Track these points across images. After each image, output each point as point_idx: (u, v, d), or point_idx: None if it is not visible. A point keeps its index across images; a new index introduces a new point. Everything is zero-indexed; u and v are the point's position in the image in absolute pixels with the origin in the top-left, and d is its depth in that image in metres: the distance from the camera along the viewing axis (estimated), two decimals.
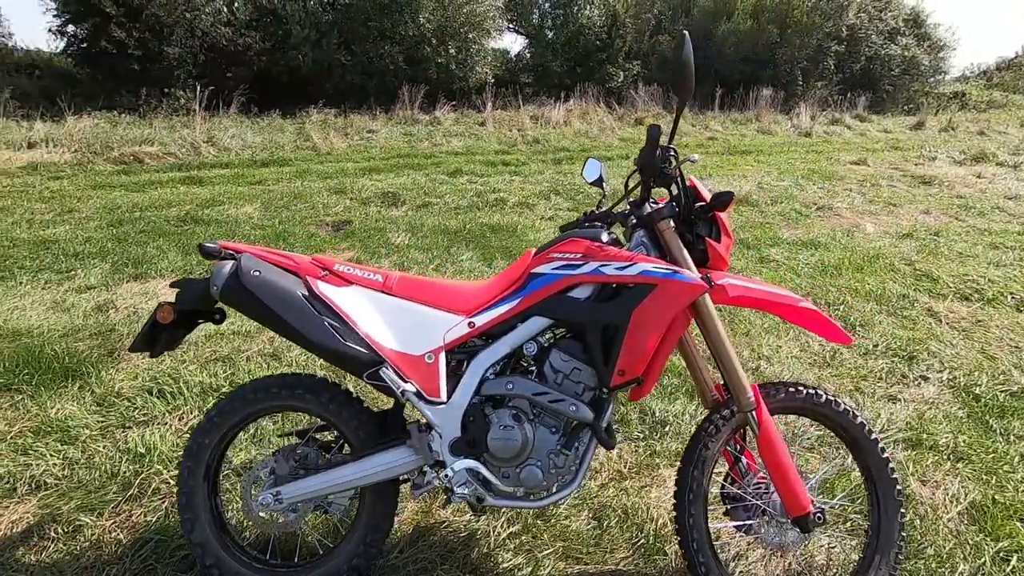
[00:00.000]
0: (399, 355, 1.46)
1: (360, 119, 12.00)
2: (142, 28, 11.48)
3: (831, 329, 1.53)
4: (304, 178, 7.27)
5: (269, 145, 9.45)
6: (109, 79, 11.93)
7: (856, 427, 1.55)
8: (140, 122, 10.46)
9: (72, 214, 5.36)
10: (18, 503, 1.80)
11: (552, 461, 1.46)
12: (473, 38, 15.02)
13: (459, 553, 1.66)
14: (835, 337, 1.54)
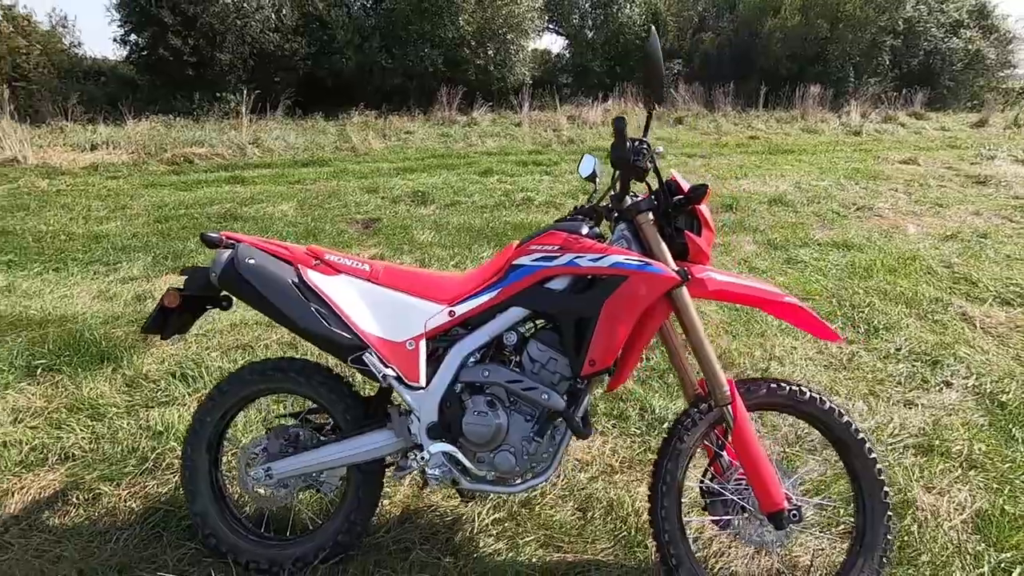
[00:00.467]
0: (381, 341, 1.53)
1: (399, 120, 12.29)
2: (197, 36, 12.10)
3: (818, 326, 1.51)
4: (340, 178, 7.51)
5: (310, 146, 9.79)
6: (166, 84, 12.63)
7: (842, 426, 1.52)
8: (193, 125, 11.02)
9: (124, 211, 5.72)
10: (48, 471, 1.96)
11: (525, 448, 1.49)
12: (512, 39, 15.12)
13: (442, 535, 1.72)
14: (823, 334, 1.51)
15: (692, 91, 15.48)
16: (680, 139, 11.44)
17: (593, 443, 2.15)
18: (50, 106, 11.20)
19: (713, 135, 11.97)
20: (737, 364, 2.73)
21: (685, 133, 12.16)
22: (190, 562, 1.61)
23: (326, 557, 1.57)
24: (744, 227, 5.11)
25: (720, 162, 8.65)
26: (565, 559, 1.65)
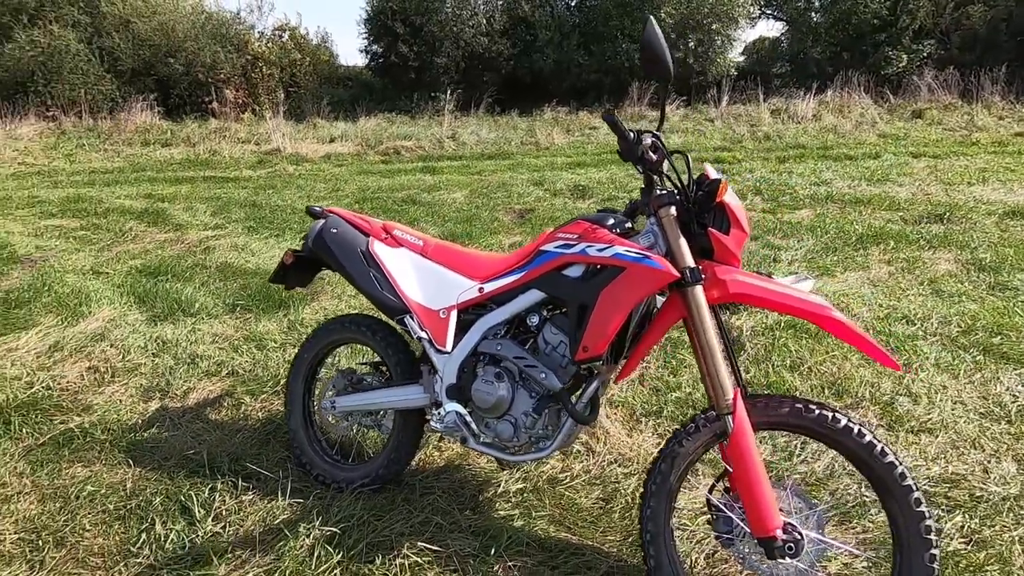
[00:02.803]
0: (421, 308, 1.75)
1: (586, 117, 12.51)
2: (420, 43, 13.80)
3: (870, 347, 1.33)
4: (515, 170, 8.01)
5: (499, 141, 10.56)
6: (394, 87, 14.66)
7: (883, 466, 1.32)
8: (409, 121, 12.66)
9: (337, 192, 6.93)
10: (218, 381, 2.61)
11: (524, 421, 1.59)
12: (717, 29, 14.23)
13: (467, 491, 1.90)
14: (878, 356, 1.33)
15: (945, 77, 12.84)
16: (911, 135, 9.67)
17: (643, 442, 2.12)
18: (310, 107, 13.85)
19: (961, 131, 9.87)
20: (852, 393, 2.38)
21: (921, 129, 10.22)
22: (282, 465, 2.04)
23: (367, 484, 1.87)
24: (948, 242, 4.24)
25: (953, 164, 7.15)
26: (570, 540, 1.70)
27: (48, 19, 13.14)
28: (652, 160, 1.44)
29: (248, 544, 1.66)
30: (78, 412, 2.38)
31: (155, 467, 2.04)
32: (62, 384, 2.59)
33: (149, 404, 2.46)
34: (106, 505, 1.86)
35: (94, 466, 2.06)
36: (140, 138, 11.20)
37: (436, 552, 1.63)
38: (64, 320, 3.23)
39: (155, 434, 2.24)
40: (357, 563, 1.58)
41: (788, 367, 2.61)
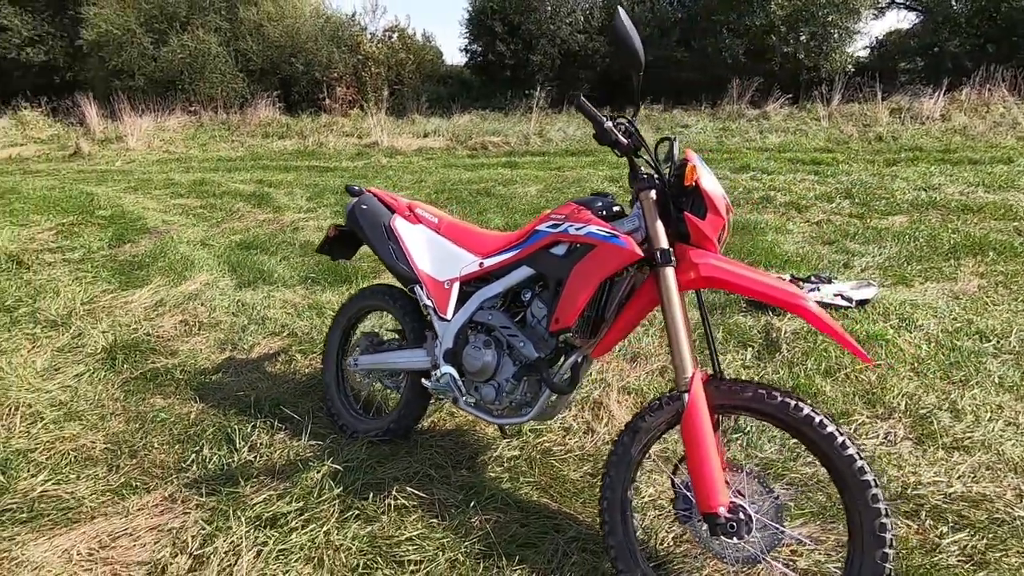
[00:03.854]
0: (429, 278, 1.93)
1: (680, 114, 12.16)
2: (516, 41, 14.09)
3: (844, 340, 1.33)
4: (595, 167, 8.02)
5: (586, 138, 10.56)
6: (490, 84, 15.10)
7: (843, 458, 1.30)
8: (501, 118, 12.99)
9: (420, 184, 7.34)
10: (278, 340, 2.96)
11: (505, 386, 1.71)
12: (835, 21, 13.21)
13: (464, 450, 2.05)
14: (851, 349, 1.33)
15: None
16: None
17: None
18: (411, 103, 14.63)
19: None
20: (887, 404, 2.24)
21: None
22: (313, 413, 2.31)
23: (378, 436, 2.08)
24: None
25: None
26: (549, 505, 1.80)
27: (196, 26, 14.94)
28: (624, 144, 1.49)
29: (270, 472, 1.93)
30: (166, 355, 2.82)
31: (214, 404, 2.38)
32: (159, 332, 3.07)
33: (221, 354, 2.85)
34: (172, 430, 2.22)
35: (169, 399, 2.45)
36: (261, 131, 12.46)
37: (422, 499, 1.80)
38: (171, 281, 3.78)
39: (219, 378, 2.60)
40: (352, 498, 1.79)
41: (823, 372, 2.50)
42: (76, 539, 1.69)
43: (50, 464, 2.02)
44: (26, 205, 6.15)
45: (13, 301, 3.45)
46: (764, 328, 2.89)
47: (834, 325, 1.35)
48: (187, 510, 1.80)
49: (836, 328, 1.35)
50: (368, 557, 1.59)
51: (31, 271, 4.05)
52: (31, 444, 2.13)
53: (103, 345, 2.88)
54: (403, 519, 1.72)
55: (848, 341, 1.35)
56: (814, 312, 1.35)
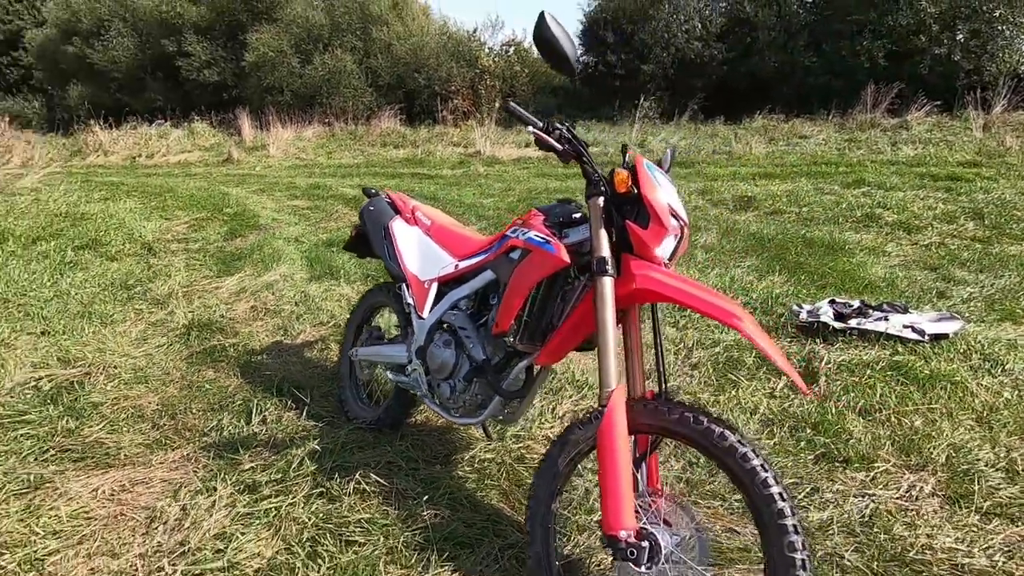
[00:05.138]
0: (413, 277, 2.01)
1: (800, 124, 11.22)
2: (628, 51, 13.90)
3: (782, 362, 1.22)
4: (688, 179, 7.68)
5: (688, 148, 10.14)
6: (599, 95, 15.02)
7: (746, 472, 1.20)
8: (607, 129, 12.88)
9: (508, 192, 7.52)
10: (322, 329, 3.23)
11: (459, 386, 1.73)
12: (1002, 16, 11.42)
13: (439, 447, 2.10)
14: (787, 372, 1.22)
15: None
16: None
17: None
18: None
19: None
20: (923, 453, 1.93)
21: None
22: (326, 393, 2.50)
23: (370, 425, 2.20)
24: None
25: None
26: (502, 510, 1.80)
27: (335, 46, 16.58)
28: (559, 149, 1.47)
29: (268, 445, 2.13)
30: (229, 335, 3.20)
31: (249, 380, 2.67)
32: (230, 315, 3.49)
33: (272, 338, 3.17)
34: (210, 399, 2.53)
35: (219, 372, 2.78)
36: (381, 140, 13.50)
37: (383, 486, 1.88)
38: (257, 272, 4.26)
39: (262, 359, 2.90)
40: (323, 478, 1.92)
41: (858, 410, 2.21)
42: (105, 480, 1.99)
43: (111, 416, 2.40)
44: (176, 202, 7.24)
45: (134, 281, 4.10)
46: (807, 356, 2.61)
47: (771, 346, 1.24)
48: (195, 469, 2.04)
49: (772, 350, 1.24)
50: (319, 532, 1.70)
51: (157, 257, 4.78)
52: (104, 399, 2.54)
53: (184, 323, 3.33)
54: (362, 503, 1.82)
55: (784, 365, 1.22)
56: (748, 331, 1.24)
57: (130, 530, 1.77)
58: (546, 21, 1.34)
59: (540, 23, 1.34)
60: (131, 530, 1.77)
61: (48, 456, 2.13)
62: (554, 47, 1.34)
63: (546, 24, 1.33)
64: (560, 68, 1.38)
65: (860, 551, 1.57)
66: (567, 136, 1.48)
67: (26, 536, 1.73)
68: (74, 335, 3.17)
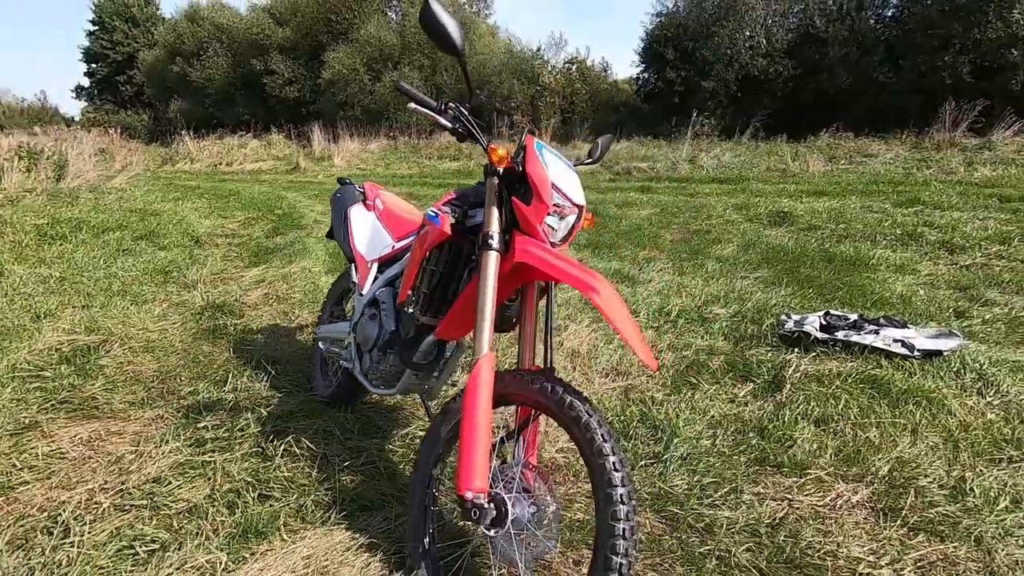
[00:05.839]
0: (360, 257, 2.13)
1: (868, 143, 10.60)
2: (688, 68, 13.70)
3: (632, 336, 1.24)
4: (732, 195, 7.45)
5: (741, 166, 9.84)
6: (659, 112, 14.86)
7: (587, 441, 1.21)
8: (663, 145, 12.68)
9: None
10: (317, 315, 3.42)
11: (376, 356, 1.82)
12: None
13: (381, 421, 2.19)
14: (634, 347, 1.24)
15: None
16: None
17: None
18: (577, 131, 15.09)
19: None
20: (871, 468, 1.81)
21: None
22: (299, 368, 2.66)
23: (324, 399, 2.32)
24: None
25: None
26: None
27: (404, 64, 17.42)
28: (450, 128, 1.53)
29: (229, 409, 2.30)
30: (236, 317, 3.45)
31: (238, 355, 2.88)
32: (244, 300, 3.76)
33: (272, 321, 3.39)
34: (203, 369, 2.75)
35: (216, 347, 3.02)
36: (438, 153, 13.98)
37: (313, 451, 1.99)
38: (281, 264, 4.56)
39: (256, 338, 3.12)
40: (262, 439, 2.06)
41: (814, 419, 2.10)
42: (86, 429, 2.23)
43: (112, 377, 2.67)
44: (237, 203, 7.85)
45: (173, 268, 4.50)
46: (779, 365, 2.50)
47: (623, 320, 1.25)
48: (162, 426, 2.24)
49: (623, 324, 1.24)
50: (244, 485, 1.83)
51: (201, 248, 5.22)
52: (111, 363, 2.82)
53: (201, 304, 3.63)
54: (290, 463, 1.94)
55: (631, 339, 1.23)
56: (600, 302, 1.25)
57: (91, 470, 1.97)
58: (430, 6, 1.41)
59: (426, 7, 1.42)
60: (92, 470, 1.97)
61: (47, 406, 2.40)
62: (439, 30, 1.41)
63: (431, 8, 1.41)
64: (446, 49, 1.45)
65: (754, 551, 1.50)
66: (461, 117, 1.54)
67: (6, 468, 1.96)
68: (106, 309, 3.53)
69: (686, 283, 3.74)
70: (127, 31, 26.78)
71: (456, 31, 1.42)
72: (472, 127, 1.54)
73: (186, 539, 1.58)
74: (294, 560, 1.49)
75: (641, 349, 1.24)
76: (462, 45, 1.43)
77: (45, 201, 6.98)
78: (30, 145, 9.21)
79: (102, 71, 27.40)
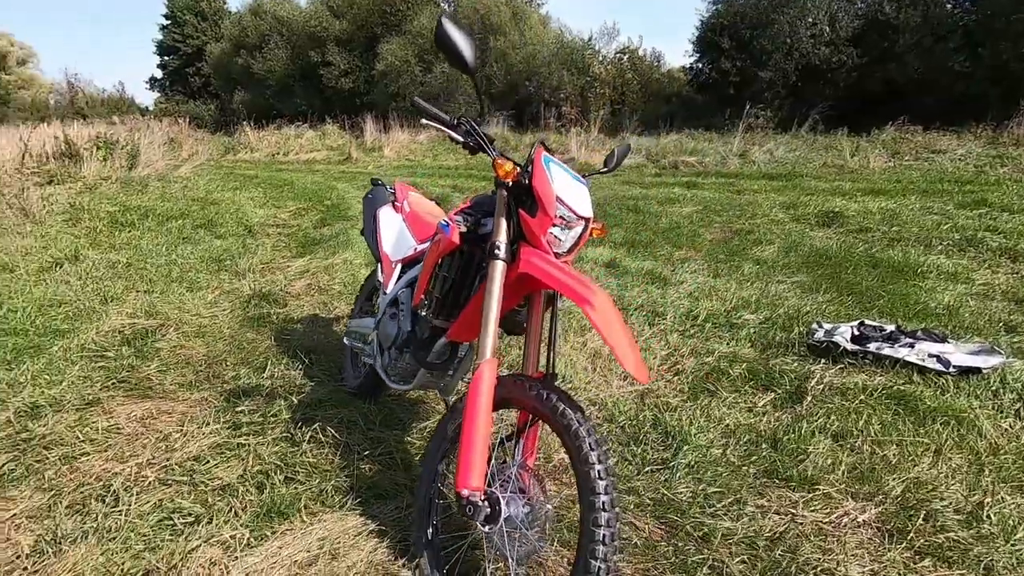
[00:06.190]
0: (386, 257, 2.24)
1: (938, 137, 9.96)
2: (745, 58, 13.21)
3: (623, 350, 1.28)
4: (781, 192, 7.21)
5: (795, 161, 9.47)
6: (712, 103, 14.42)
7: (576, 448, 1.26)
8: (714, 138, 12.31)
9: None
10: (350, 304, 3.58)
11: (394, 354, 1.92)
12: None
13: (403, 415, 2.30)
14: (624, 361, 1.27)
15: None
16: None
17: None
18: (627, 122, 14.84)
19: None
20: (884, 487, 1.78)
21: None
22: (332, 359, 2.81)
23: (355, 392, 2.46)
24: None
25: None
26: None
27: None
28: (461, 142, 1.59)
29: (265, 395, 2.47)
30: (279, 306, 3.66)
31: (280, 344, 3.06)
32: (288, 290, 3.97)
33: (313, 311, 3.58)
34: (246, 355, 2.95)
35: (259, 335, 3.22)
36: None
37: (337, 440, 2.12)
38: (325, 255, 4.78)
39: (297, 328, 3.31)
40: (290, 424, 2.21)
41: (831, 434, 2.07)
42: (140, 408, 2.44)
43: (167, 360, 2.90)
44: (290, 193, 8.21)
45: (227, 257, 4.79)
46: (803, 376, 2.46)
47: (615, 333, 1.28)
48: (205, 408, 2.43)
49: (614, 337, 1.28)
50: (273, 468, 1.98)
51: (253, 238, 5.51)
52: (167, 346, 3.06)
53: (248, 293, 3.87)
54: (315, 450, 2.07)
55: (622, 354, 1.26)
56: (592, 315, 1.30)
57: (141, 446, 2.17)
58: (444, 25, 1.47)
59: (439, 26, 1.48)
60: (142, 446, 2.17)
61: (109, 384, 2.64)
62: (452, 48, 1.47)
63: (443, 28, 1.47)
64: (460, 68, 1.50)
65: (748, 563, 1.52)
66: (472, 131, 1.60)
67: (70, 440, 2.19)
68: (165, 295, 3.81)
69: (719, 286, 3.69)
70: (196, 24, 28.13)
71: (468, 49, 1.48)
72: (483, 141, 1.60)
73: (217, 515, 1.74)
74: (310, 540, 1.62)
75: (629, 361, 1.27)
76: (474, 63, 1.48)
77: (118, 189, 7.52)
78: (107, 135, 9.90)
79: (173, 63, 28.93)
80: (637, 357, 1.29)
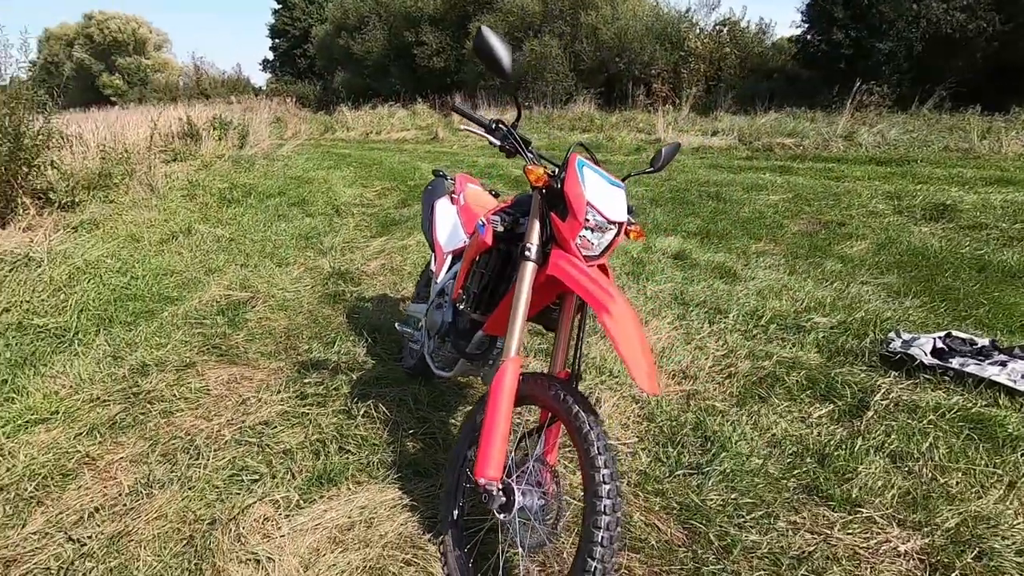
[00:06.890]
0: (439, 247, 2.34)
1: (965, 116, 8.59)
2: (861, 28, 12.01)
3: (635, 361, 1.31)
4: (889, 180, 6.59)
5: (911, 143, 8.58)
6: (819, 79, 13.28)
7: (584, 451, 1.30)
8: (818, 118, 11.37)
9: (667, 182, 7.30)
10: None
11: (437, 342, 2.02)
12: None
13: (449, 397, 2.42)
14: (636, 374, 1.30)
15: None
16: None
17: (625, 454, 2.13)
18: (722, 100, 14.05)
19: None
20: (936, 519, 1.66)
21: None
22: (393, 338, 2.99)
23: (409, 373, 2.61)
24: None
25: None
26: None
27: (544, 32, 17.36)
28: (499, 145, 1.63)
29: (330, 369, 2.69)
30: (354, 284, 3.92)
31: (351, 321, 3.30)
32: (364, 269, 4.24)
33: (383, 291, 3.81)
34: (319, 330, 3.21)
35: (334, 311, 3.48)
36: (571, 124, 13.91)
37: (387, 416, 2.28)
38: (401, 236, 5.02)
39: (366, 306, 3.54)
40: (348, 398, 2.40)
41: (888, 454, 1.94)
42: (227, 373, 2.75)
43: (253, 330, 3.22)
44: (377, 172, 8.62)
45: (314, 234, 5.16)
46: (867, 388, 2.31)
47: (628, 342, 1.30)
48: (279, 377, 2.70)
49: (628, 346, 1.30)
50: (330, 438, 2.18)
51: (339, 217, 5.88)
52: (254, 317, 3.40)
53: (328, 270, 4.17)
54: (367, 423, 2.25)
55: (634, 363, 1.28)
56: (609, 323, 1.32)
57: (224, 407, 2.46)
58: (483, 34, 1.52)
59: (479, 35, 1.52)
60: (225, 407, 2.46)
61: (204, 349, 2.99)
62: (490, 55, 1.51)
63: (483, 36, 1.51)
64: (495, 73, 1.54)
65: None
66: (509, 135, 1.64)
67: (169, 397, 2.52)
68: (258, 269, 4.20)
69: (792, 284, 3.49)
70: (304, 8, 29.76)
71: (506, 58, 1.52)
72: (519, 145, 1.64)
73: (278, 475, 1.95)
74: (351, 507, 1.79)
75: (641, 372, 1.28)
76: (511, 71, 1.52)
77: (230, 167, 8.25)
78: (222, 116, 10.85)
79: (283, 45, 30.87)
80: (650, 368, 1.29)
